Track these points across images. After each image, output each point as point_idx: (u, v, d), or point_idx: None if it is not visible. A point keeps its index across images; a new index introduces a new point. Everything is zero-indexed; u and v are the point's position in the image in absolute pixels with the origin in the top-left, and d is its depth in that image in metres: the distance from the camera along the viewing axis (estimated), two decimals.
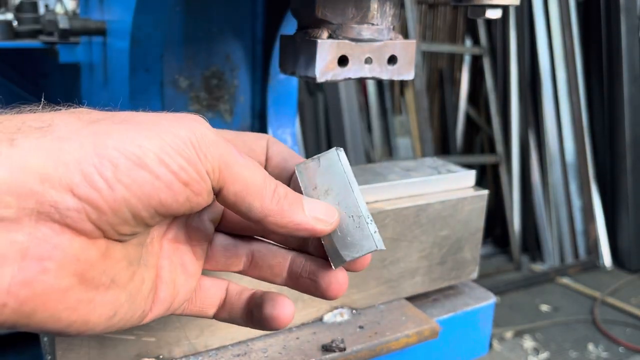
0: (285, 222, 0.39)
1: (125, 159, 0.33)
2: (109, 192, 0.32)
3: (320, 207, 0.41)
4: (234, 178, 0.37)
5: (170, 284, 0.41)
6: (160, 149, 0.34)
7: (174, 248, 0.42)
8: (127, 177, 0.33)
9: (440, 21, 4.00)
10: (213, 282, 0.45)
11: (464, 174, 0.79)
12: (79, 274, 0.33)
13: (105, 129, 0.34)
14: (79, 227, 0.32)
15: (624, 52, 3.52)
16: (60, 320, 0.33)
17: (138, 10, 0.85)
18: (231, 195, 0.37)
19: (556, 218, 3.71)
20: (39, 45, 1.27)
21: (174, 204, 0.35)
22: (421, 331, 0.67)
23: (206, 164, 0.35)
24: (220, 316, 0.45)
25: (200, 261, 0.43)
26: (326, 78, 0.53)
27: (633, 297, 3.29)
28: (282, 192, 0.39)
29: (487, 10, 0.55)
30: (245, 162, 0.38)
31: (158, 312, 0.41)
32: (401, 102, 3.80)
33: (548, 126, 3.68)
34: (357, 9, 0.53)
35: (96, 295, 0.34)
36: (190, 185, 0.35)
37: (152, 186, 0.33)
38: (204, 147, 0.35)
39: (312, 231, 0.40)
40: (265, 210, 0.38)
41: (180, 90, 1.05)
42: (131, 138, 0.33)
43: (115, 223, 0.33)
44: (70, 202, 0.32)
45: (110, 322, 0.36)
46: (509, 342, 2.83)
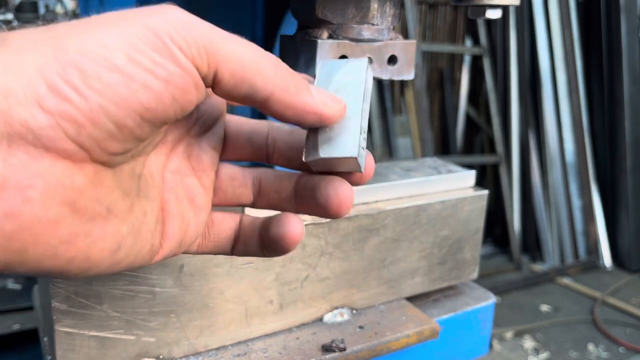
0: (292, 100, 0.34)
1: (91, 62, 0.28)
2: (82, 101, 0.28)
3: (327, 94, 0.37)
4: (226, 56, 0.32)
5: (179, 217, 0.38)
6: (129, 45, 0.29)
7: (178, 180, 0.39)
8: (97, 82, 0.28)
9: (440, 21, 4.00)
10: (225, 215, 0.42)
11: (464, 174, 0.79)
12: (68, 202, 0.29)
13: (64, 31, 0.30)
14: (58, 146, 0.28)
15: (624, 53, 3.52)
16: (57, 256, 0.30)
17: None
18: (228, 76, 0.32)
19: (556, 218, 3.71)
20: None
21: (159, 106, 0.30)
22: (421, 331, 0.67)
23: (188, 50, 0.31)
24: (237, 250, 0.42)
25: (208, 192, 0.40)
26: None
27: (633, 297, 3.29)
28: (285, 67, 0.35)
29: (487, 10, 0.55)
30: (235, 37, 0.33)
31: (170, 248, 0.38)
32: (401, 102, 3.80)
33: (548, 126, 3.68)
34: (357, 9, 0.53)
35: (93, 227, 0.31)
36: (172, 82, 0.30)
37: (128, 89, 0.29)
38: (181, 32, 0.31)
39: (320, 115, 0.36)
40: (271, 87, 0.33)
41: None
42: (93, 37, 0.29)
43: (100, 138, 0.29)
44: (42, 118, 0.28)
45: (116, 257, 0.33)
46: (509, 342, 2.83)
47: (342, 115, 0.37)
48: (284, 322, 0.65)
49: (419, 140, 3.56)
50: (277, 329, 0.65)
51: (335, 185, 0.38)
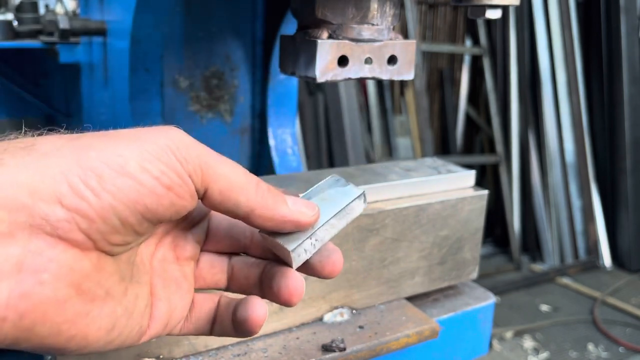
0: (271, 214, 0.40)
1: (108, 168, 0.34)
2: (96, 201, 0.33)
3: (301, 201, 0.42)
4: (217, 176, 0.38)
5: (166, 301, 0.42)
6: (141, 157, 0.35)
7: (164, 268, 0.43)
8: (112, 185, 0.34)
9: (440, 21, 4.00)
10: (205, 297, 0.46)
11: (464, 174, 0.79)
12: (74, 285, 0.34)
13: (86, 142, 0.35)
14: (71, 237, 0.33)
15: (624, 53, 3.52)
16: (60, 333, 0.34)
17: (138, 10, 0.85)
18: (216, 193, 0.38)
19: (556, 218, 3.71)
20: (39, 45, 1.27)
21: (159, 208, 0.36)
22: (421, 331, 0.67)
23: (187, 166, 0.37)
24: (215, 331, 0.46)
25: (190, 279, 0.45)
26: (326, 78, 0.53)
27: (633, 297, 3.29)
28: (264, 186, 0.41)
29: (487, 11, 0.55)
30: (225, 161, 0.39)
31: (156, 330, 0.42)
32: (401, 102, 3.80)
33: (548, 126, 3.68)
34: (357, 9, 0.53)
35: (93, 308, 0.35)
36: (173, 189, 0.36)
37: (137, 192, 0.35)
38: (183, 151, 0.37)
39: (296, 223, 0.41)
40: (252, 204, 0.39)
41: (180, 90, 1.05)
42: (112, 148, 0.35)
43: (106, 231, 0.34)
44: (60, 213, 0.33)
45: (110, 337, 0.37)
46: (509, 342, 2.82)
47: (316, 220, 0.43)
48: (283, 322, 0.65)
49: (418, 140, 3.56)
50: (277, 329, 0.65)
51: (287, 277, 0.43)
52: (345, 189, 0.46)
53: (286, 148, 1.13)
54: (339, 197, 0.45)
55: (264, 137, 1.15)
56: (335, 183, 0.46)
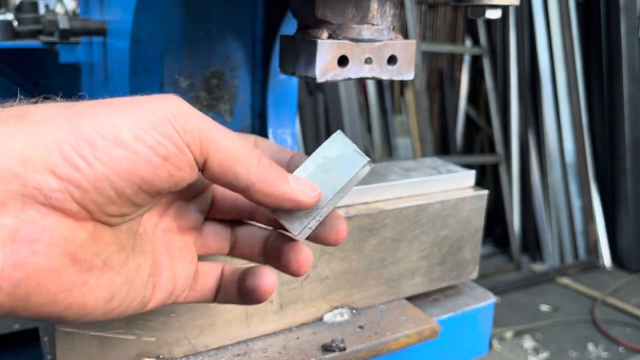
0: (271, 190, 0.39)
1: (101, 137, 0.33)
2: (89, 170, 0.33)
3: (304, 182, 0.42)
4: (217, 147, 0.37)
5: (170, 270, 0.42)
6: (136, 126, 0.34)
7: (168, 237, 0.43)
8: (105, 155, 0.33)
9: (440, 21, 4.00)
10: (209, 265, 0.46)
11: (464, 174, 0.79)
12: (69, 254, 0.33)
13: (81, 110, 0.35)
14: (64, 207, 0.33)
15: (624, 53, 3.52)
16: (56, 302, 0.34)
17: (138, 10, 0.85)
18: (216, 165, 0.37)
19: (556, 218, 3.71)
20: (39, 45, 1.27)
21: (156, 179, 0.35)
22: (421, 331, 0.67)
23: (185, 136, 0.36)
24: (219, 298, 0.46)
25: (194, 248, 0.45)
26: (326, 78, 0.53)
27: (633, 297, 3.29)
28: (266, 161, 0.40)
29: (487, 11, 0.55)
30: (226, 132, 0.38)
31: (160, 299, 0.41)
32: (401, 102, 3.80)
33: (548, 126, 3.68)
34: (357, 9, 0.53)
35: (90, 278, 0.35)
36: (169, 159, 0.35)
37: (131, 162, 0.34)
38: (181, 121, 0.36)
39: (296, 202, 0.41)
40: (252, 177, 0.39)
41: (180, 90, 1.05)
42: (106, 117, 0.34)
43: (101, 202, 0.34)
44: (53, 182, 0.32)
45: (109, 306, 0.37)
46: (509, 342, 2.83)
47: (317, 202, 0.42)
48: (284, 322, 0.65)
49: (418, 140, 3.56)
50: (277, 329, 0.65)
51: (296, 250, 0.44)
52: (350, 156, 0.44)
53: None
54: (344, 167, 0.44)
55: (264, 137, 1.15)
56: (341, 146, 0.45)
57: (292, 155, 0.48)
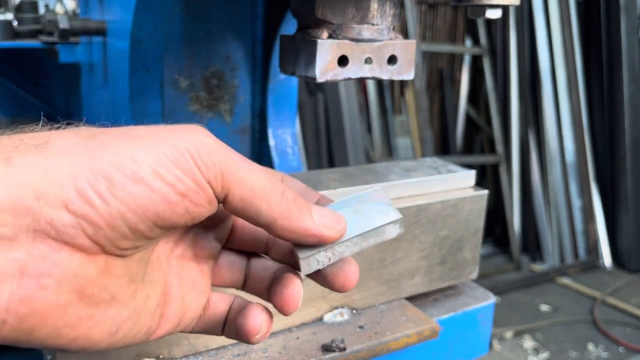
0: (294, 226, 0.38)
1: (119, 173, 0.33)
2: (104, 207, 0.32)
3: (328, 214, 0.40)
4: (238, 182, 0.36)
5: (180, 300, 0.41)
6: (156, 161, 0.34)
7: (182, 265, 0.42)
8: (121, 192, 0.33)
9: (440, 21, 4.00)
10: (221, 297, 0.44)
11: (464, 174, 0.79)
12: (77, 290, 0.33)
13: (101, 142, 0.34)
14: (76, 242, 0.32)
15: (624, 52, 3.52)
16: (60, 336, 0.33)
17: (138, 10, 0.85)
18: (237, 200, 0.36)
19: (556, 218, 3.71)
20: (39, 45, 1.27)
21: (172, 216, 0.35)
22: (421, 331, 0.67)
23: (207, 173, 0.35)
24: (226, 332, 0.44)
25: (208, 278, 0.43)
26: (326, 78, 0.53)
27: (633, 297, 3.30)
28: (290, 196, 0.39)
29: (487, 10, 0.55)
30: (250, 166, 0.37)
31: (167, 329, 0.41)
32: (401, 102, 3.80)
33: (548, 126, 3.68)
34: (357, 9, 0.53)
35: (97, 312, 0.34)
36: (188, 196, 0.35)
37: (149, 199, 0.33)
38: (204, 156, 0.35)
39: (320, 237, 0.39)
40: (274, 213, 0.37)
41: (180, 90, 1.05)
42: (127, 151, 0.33)
43: (113, 238, 0.33)
44: (66, 218, 0.32)
45: (114, 339, 0.36)
46: (509, 342, 2.83)
47: (342, 235, 0.40)
48: (283, 322, 0.65)
49: (418, 140, 3.56)
50: (277, 329, 0.65)
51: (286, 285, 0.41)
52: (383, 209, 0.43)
53: (286, 148, 1.13)
54: (374, 216, 0.42)
55: (264, 137, 1.15)
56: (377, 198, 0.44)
57: (318, 199, 0.46)
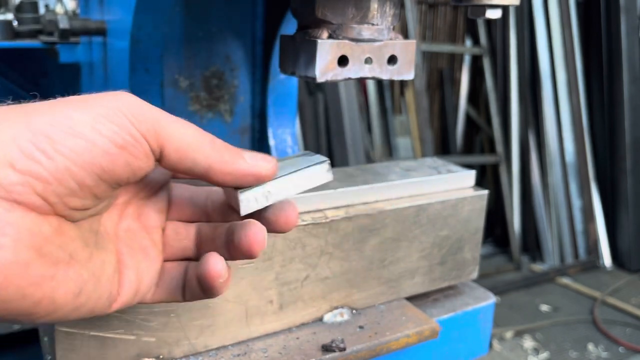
0: (229, 169, 0.41)
1: (59, 131, 0.34)
2: (50, 163, 0.34)
3: (259, 155, 0.43)
4: (171, 135, 0.39)
5: (133, 269, 0.43)
6: (92, 118, 0.36)
7: (129, 236, 0.44)
8: (63, 147, 0.34)
9: (440, 21, 4.00)
10: (174, 264, 0.46)
11: (464, 174, 0.79)
12: (35, 247, 0.34)
13: (35, 108, 0.36)
14: (27, 200, 0.33)
15: (624, 53, 3.52)
16: (25, 297, 0.34)
17: (138, 10, 0.85)
18: (173, 152, 0.39)
19: (556, 218, 3.71)
20: (39, 45, 1.27)
21: (115, 169, 0.36)
22: (421, 331, 0.67)
23: (139, 126, 0.37)
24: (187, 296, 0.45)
25: (158, 246, 0.45)
26: (326, 78, 0.53)
27: (633, 297, 3.29)
28: (220, 142, 0.41)
29: (487, 10, 0.55)
30: (179, 120, 0.40)
31: (126, 297, 0.42)
32: (401, 102, 3.80)
33: (548, 126, 3.68)
34: (357, 9, 0.53)
35: (58, 271, 0.35)
36: (126, 149, 0.37)
37: (90, 153, 0.35)
38: (135, 112, 0.37)
39: (256, 175, 0.42)
40: (209, 160, 0.40)
41: (180, 90, 1.05)
42: (62, 111, 0.35)
43: (63, 194, 0.35)
44: (13, 176, 0.33)
45: (77, 301, 0.37)
46: (509, 342, 2.82)
47: (275, 172, 0.43)
48: (284, 322, 0.65)
49: (418, 140, 3.56)
50: (277, 329, 0.65)
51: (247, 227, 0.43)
52: (311, 157, 0.47)
53: (286, 148, 1.13)
54: (303, 163, 0.46)
55: (264, 137, 1.15)
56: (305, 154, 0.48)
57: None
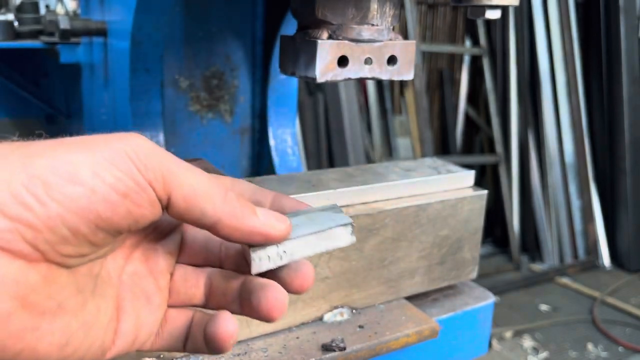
0: (238, 225, 0.38)
1: (56, 176, 0.32)
2: (42, 209, 0.31)
3: (272, 213, 0.40)
4: (180, 183, 0.36)
5: (133, 316, 0.40)
6: (94, 163, 0.33)
7: (135, 281, 0.41)
8: (59, 194, 0.32)
9: (440, 21, 4.00)
10: (179, 312, 0.43)
11: (464, 174, 0.79)
12: (20, 297, 0.31)
13: (36, 150, 0.33)
14: (14, 248, 0.31)
15: (624, 53, 3.52)
16: (5, 349, 0.32)
17: (138, 11, 0.85)
18: (181, 201, 0.36)
19: (556, 218, 3.72)
20: (39, 46, 1.27)
21: (114, 217, 0.34)
22: (421, 331, 0.67)
23: (146, 173, 0.34)
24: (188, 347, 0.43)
25: (164, 293, 0.42)
26: (326, 78, 0.53)
27: (632, 297, 3.30)
28: (232, 196, 0.38)
29: (486, 11, 0.55)
30: (190, 167, 0.37)
31: (122, 346, 0.39)
32: (401, 102, 3.80)
33: (547, 126, 3.68)
34: (357, 9, 0.53)
35: (42, 322, 0.33)
36: (129, 197, 0.34)
37: (88, 200, 0.32)
38: (142, 157, 0.35)
39: (265, 235, 0.39)
40: (219, 213, 0.37)
41: (180, 90, 1.05)
42: (62, 155, 0.33)
43: (54, 241, 0.32)
44: (1, 223, 0.31)
45: (64, 353, 0.35)
46: (508, 342, 2.83)
47: (287, 234, 0.40)
48: (284, 322, 0.65)
49: (418, 141, 3.56)
50: (277, 329, 0.65)
51: (267, 290, 0.40)
52: (335, 215, 0.43)
53: (286, 148, 1.13)
54: (325, 221, 0.42)
55: (264, 137, 1.15)
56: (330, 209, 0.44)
57: (273, 196, 0.46)
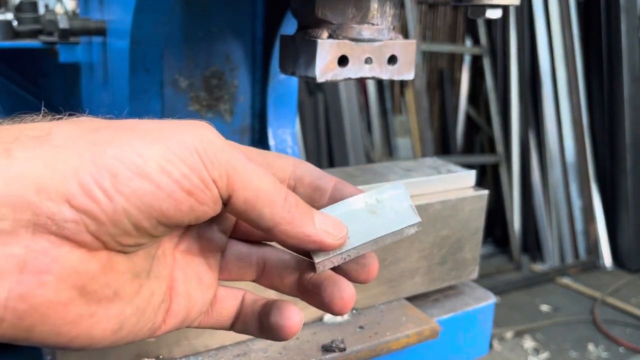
0: (295, 232, 0.37)
1: (125, 168, 0.32)
2: (108, 203, 0.31)
3: (330, 221, 0.39)
4: (243, 184, 0.35)
5: (185, 296, 0.40)
6: (163, 157, 0.33)
7: (188, 260, 0.41)
8: (126, 187, 0.32)
9: (440, 21, 4.00)
10: (228, 292, 0.43)
11: (464, 174, 0.79)
12: (78, 287, 0.32)
13: (106, 136, 0.33)
14: (78, 238, 0.31)
15: (624, 52, 3.52)
16: (61, 334, 0.32)
17: (138, 10, 0.85)
18: (241, 202, 0.36)
19: (556, 218, 3.71)
20: (39, 45, 1.27)
21: (177, 214, 0.34)
22: (421, 331, 0.67)
23: (212, 171, 0.34)
24: (237, 328, 0.44)
25: (214, 272, 0.42)
26: (326, 78, 0.53)
27: (633, 297, 3.29)
28: (293, 200, 0.38)
29: (487, 10, 0.55)
30: (255, 169, 0.36)
31: (172, 325, 0.40)
32: (401, 102, 3.80)
33: (548, 126, 3.68)
34: (357, 9, 0.53)
35: (99, 309, 0.33)
36: (193, 194, 0.34)
37: (153, 196, 0.32)
38: (210, 153, 0.34)
39: (320, 244, 0.38)
40: (276, 218, 0.37)
41: (180, 90, 1.05)
42: (132, 145, 0.32)
43: (116, 234, 0.32)
44: (68, 213, 0.31)
45: (117, 336, 0.35)
46: (509, 342, 2.82)
47: (342, 243, 0.39)
48: None
49: (419, 140, 3.56)
50: None
51: (340, 287, 0.41)
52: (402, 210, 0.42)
53: (286, 148, 1.13)
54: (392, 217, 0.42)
55: (264, 137, 1.15)
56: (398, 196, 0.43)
57: (335, 183, 0.44)
